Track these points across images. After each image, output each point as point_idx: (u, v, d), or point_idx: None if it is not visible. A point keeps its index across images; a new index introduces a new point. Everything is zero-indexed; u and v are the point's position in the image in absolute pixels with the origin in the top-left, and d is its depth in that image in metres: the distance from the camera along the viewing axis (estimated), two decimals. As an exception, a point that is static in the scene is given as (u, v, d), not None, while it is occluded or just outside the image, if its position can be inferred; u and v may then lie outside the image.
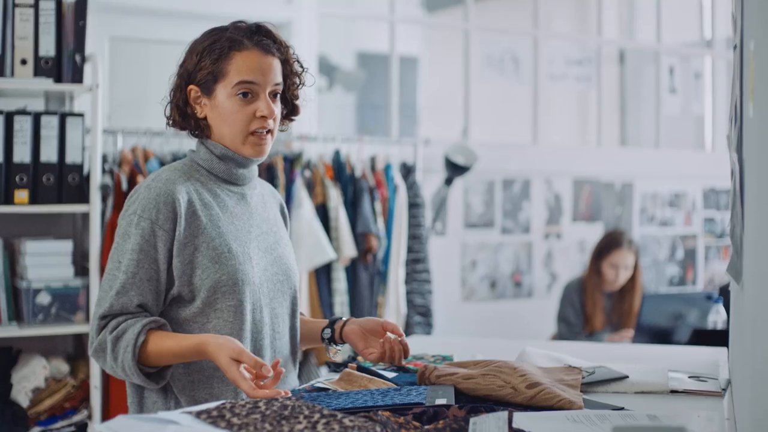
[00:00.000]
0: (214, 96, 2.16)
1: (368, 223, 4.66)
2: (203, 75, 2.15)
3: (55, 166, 3.76)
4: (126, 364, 2.01)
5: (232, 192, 2.22)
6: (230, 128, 2.16)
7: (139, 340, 2.01)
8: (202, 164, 2.21)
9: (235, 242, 2.14)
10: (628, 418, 1.80)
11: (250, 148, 2.17)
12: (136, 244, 2.07)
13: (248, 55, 2.14)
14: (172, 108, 2.23)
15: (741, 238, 1.75)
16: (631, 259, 5.20)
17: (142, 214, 2.07)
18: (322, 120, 5.60)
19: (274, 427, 1.62)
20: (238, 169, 2.22)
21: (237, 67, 2.13)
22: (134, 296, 2.06)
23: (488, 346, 3.08)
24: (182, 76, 2.19)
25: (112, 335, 2.03)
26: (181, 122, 2.23)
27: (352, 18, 6.31)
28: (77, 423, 3.78)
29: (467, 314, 5.73)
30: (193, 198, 2.13)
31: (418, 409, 1.84)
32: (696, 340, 4.01)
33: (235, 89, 2.13)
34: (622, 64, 7.09)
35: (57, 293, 3.78)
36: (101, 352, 2.06)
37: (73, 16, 3.79)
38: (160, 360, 2.05)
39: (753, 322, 1.55)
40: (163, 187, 2.10)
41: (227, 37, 2.15)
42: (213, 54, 2.14)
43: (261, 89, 2.15)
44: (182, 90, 2.19)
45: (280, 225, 2.36)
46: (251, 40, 2.16)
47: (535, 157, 6.05)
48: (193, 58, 2.17)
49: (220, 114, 2.16)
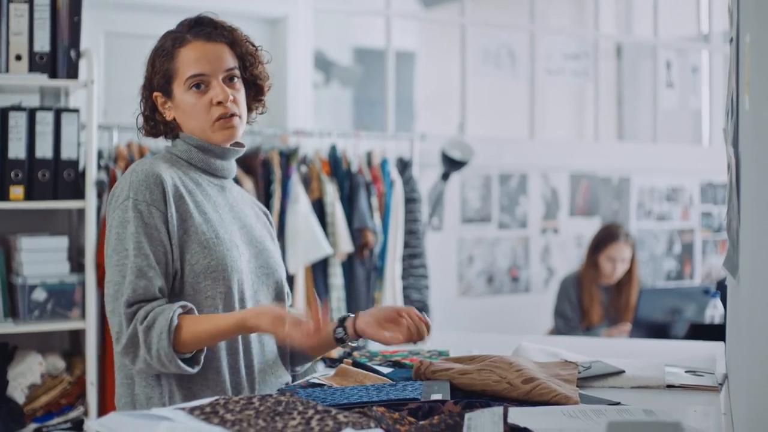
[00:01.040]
0: (173, 96, 2.20)
1: (365, 219, 4.65)
2: (158, 79, 2.20)
3: (51, 162, 3.75)
4: (162, 351, 1.98)
5: (213, 183, 2.25)
6: (195, 121, 2.19)
7: (173, 326, 1.99)
8: (181, 155, 2.22)
9: (221, 229, 2.15)
10: (624, 413, 1.79)
11: (219, 134, 2.19)
12: (138, 227, 2.05)
13: (191, 48, 2.18)
14: (144, 118, 2.28)
15: (737, 231, 1.74)
16: (628, 252, 5.20)
17: (136, 197, 2.07)
18: (318, 115, 5.59)
19: (268, 423, 1.61)
20: (216, 160, 2.23)
21: (183, 62, 2.17)
22: (153, 278, 2.04)
23: (485, 341, 3.08)
24: (145, 85, 2.25)
25: (143, 325, 2.00)
26: (152, 130, 2.27)
27: (348, 13, 6.29)
28: (73, 419, 3.77)
29: (464, 309, 5.72)
30: (177, 183, 2.14)
31: (413, 405, 1.83)
32: (693, 335, 4.00)
33: (187, 84, 2.17)
34: (619, 59, 7.09)
35: (53, 289, 3.77)
36: (132, 347, 2.02)
37: (68, 11, 3.78)
38: (196, 344, 2.03)
39: (749, 316, 1.55)
40: (149, 170, 2.11)
41: (172, 36, 2.21)
42: (162, 56, 2.20)
43: (212, 77, 2.17)
44: (148, 99, 2.25)
45: (263, 225, 2.37)
46: (191, 32, 2.20)
47: (531, 151, 6.04)
48: (149, 66, 2.23)
49: (183, 111, 2.19)
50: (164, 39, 2.22)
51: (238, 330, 2.04)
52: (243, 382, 2.17)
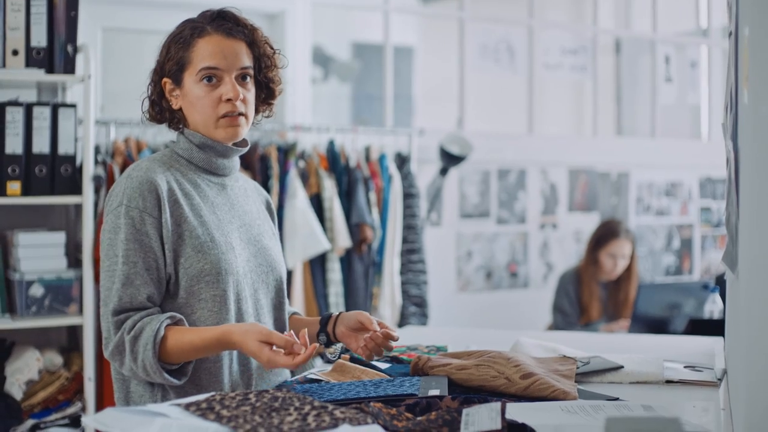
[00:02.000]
0: (183, 85, 2.18)
1: (363, 214, 4.64)
2: (171, 66, 2.17)
3: (48, 157, 3.74)
4: (147, 362, 1.98)
5: (212, 182, 2.22)
6: (200, 115, 2.17)
7: (158, 337, 1.98)
8: (182, 154, 2.21)
9: (217, 231, 2.14)
10: (623, 408, 1.79)
11: (222, 132, 2.17)
12: (129, 234, 2.05)
13: (210, 41, 2.15)
14: (150, 102, 2.25)
15: (736, 226, 1.74)
16: (629, 248, 5.20)
17: (129, 204, 2.06)
18: (316, 110, 5.58)
19: (264, 419, 1.60)
20: (217, 159, 2.21)
21: (199, 53, 2.15)
22: (140, 286, 2.04)
23: (483, 337, 3.07)
24: (156, 70, 2.22)
25: (130, 335, 2.00)
26: (156, 116, 2.25)
27: (346, 8, 6.28)
28: (71, 415, 3.77)
29: (462, 305, 5.72)
30: (173, 187, 2.12)
31: (410, 400, 1.82)
32: (692, 330, 4.00)
33: (199, 75, 2.14)
34: (617, 54, 7.08)
35: (50, 285, 3.77)
36: (118, 355, 2.03)
37: (64, 6, 3.77)
38: (182, 356, 2.02)
39: (748, 310, 1.54)
40: (144, 176, 2.09)
41: (191, 25, 2.18)
42: (178, 44, 2.17)
43: (225, 73, 2.15)
44: (156, 84, 2.22)
45: (264, 219, 2.35)
46: (212, 24, 2.16)
47: (530, 146, 6.03)
48: (163, 51, 2.20)
49: (190, 102, 2.17)
50: (183, 26, 2.19)
51: (219, 346, 2.02)
52: (238, 381, 2.17)
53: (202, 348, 2.02)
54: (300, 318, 2.41)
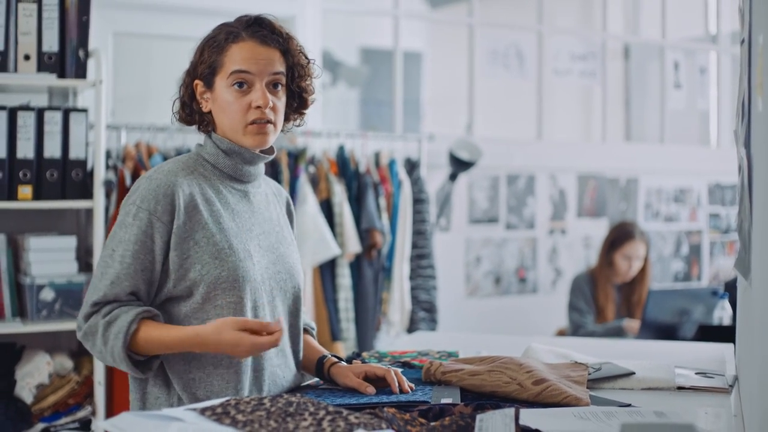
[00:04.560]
0: (214, 89, 2.17)
1: (372, 219, 4.65)
2: (203, 68, 2.17)
3: (59, 161, 3.75)
4: (115, 350, 2.01)
5: (236, 189, 2.22)
6: (229, 120, 2.16)
7: (131, 329, 2.01)
8: (208, 159, 2.20)
9: (236, 239, 2.14)
10: (636, 415, 1.79)
11: (250, 138, 2.17)
12: (133, 235, 2.06)
13: (244, 46, 2.14)
14: (180, 103, 2.24)
15: (749, 233, 1.74)
16: (643, 249, 5.21)
17: (141, 205, 2.07)
18: (326, 115, 5.59)
19: (279, 424, 1.61)
20: (244, 166, 2.21)
21: (232, 57, 2.14)
22: (127, 286, 2.06)
23: (494, 342, 3.07)
24: (189, 71, 2.22)
25: (105, 320, 2.03)
26: (186, 117, 2.25)
27: (355, 13, 6.29)
28: (81, 419, 3.77)
29: (472, 310, 5.72)
30: (194, 192, 2.12)
31: (423, 406, 1.83)
32: (702, 336, 3.99)
33: (230, 79, 2.14)
34: (626, 59, 7.08)
35: (61, 289, 3.77)
36: (91, 336, 2.06)
37: (76, 11, 3.78)
38: (150, 349, 2.05)
39: (761, 317, 1.54)
40: (164, 179, 2.10)
41: (227, 30, 2.17)
42: (213, 47, 2.17)
43: (257, 79, 2.14)
44: (188, 86, 2.21)
45: (284, 225, 2.35)
46: (248, 30, 2.16)
47: (539, 152, 6.03)
48: (197, 54, 2.20)
49: (220, 106, 2.17)
50: (218, 30, 2.19)
51: (189, 343, 2.03)
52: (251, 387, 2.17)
53: (170, 344, 2.04)
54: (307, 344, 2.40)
